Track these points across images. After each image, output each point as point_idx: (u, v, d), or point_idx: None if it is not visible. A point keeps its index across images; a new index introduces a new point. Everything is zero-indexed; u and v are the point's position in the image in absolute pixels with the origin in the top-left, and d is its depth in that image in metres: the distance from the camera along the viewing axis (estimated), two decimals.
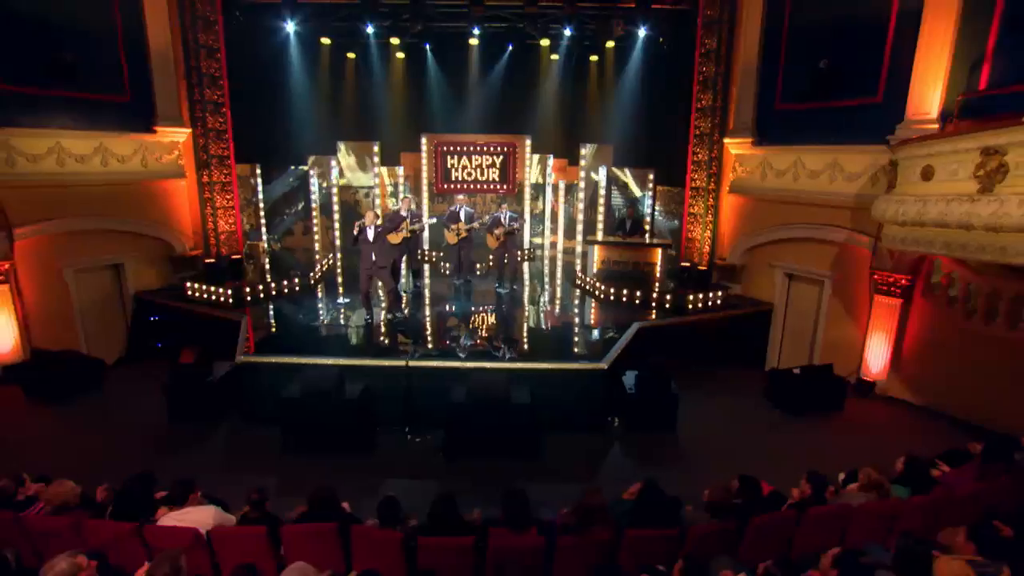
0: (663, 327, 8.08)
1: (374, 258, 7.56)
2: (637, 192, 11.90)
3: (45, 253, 7.70)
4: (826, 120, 7.87)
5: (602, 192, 11.98)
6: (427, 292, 10.17)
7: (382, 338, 7.48)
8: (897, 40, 6.99)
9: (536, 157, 12.79)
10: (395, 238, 9.14)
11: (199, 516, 3.63)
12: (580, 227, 12.31)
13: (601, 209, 11.88)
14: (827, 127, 7.82)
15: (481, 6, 9.95)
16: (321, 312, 8.67)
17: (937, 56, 6.53)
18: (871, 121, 7.25)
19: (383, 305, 8.28)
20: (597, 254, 9.90)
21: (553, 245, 13.34)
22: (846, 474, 4.86)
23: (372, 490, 5.41)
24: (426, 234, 12.09)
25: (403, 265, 9.87)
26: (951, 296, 6.84)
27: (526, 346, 7.35)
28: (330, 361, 6.16)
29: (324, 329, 7.84)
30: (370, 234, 7.55)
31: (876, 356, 7.57)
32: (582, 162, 11.97)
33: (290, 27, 10.35)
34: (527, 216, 13.04)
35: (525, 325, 8.31)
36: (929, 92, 6.66)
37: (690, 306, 8.75)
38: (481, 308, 8.95)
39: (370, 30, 10.50)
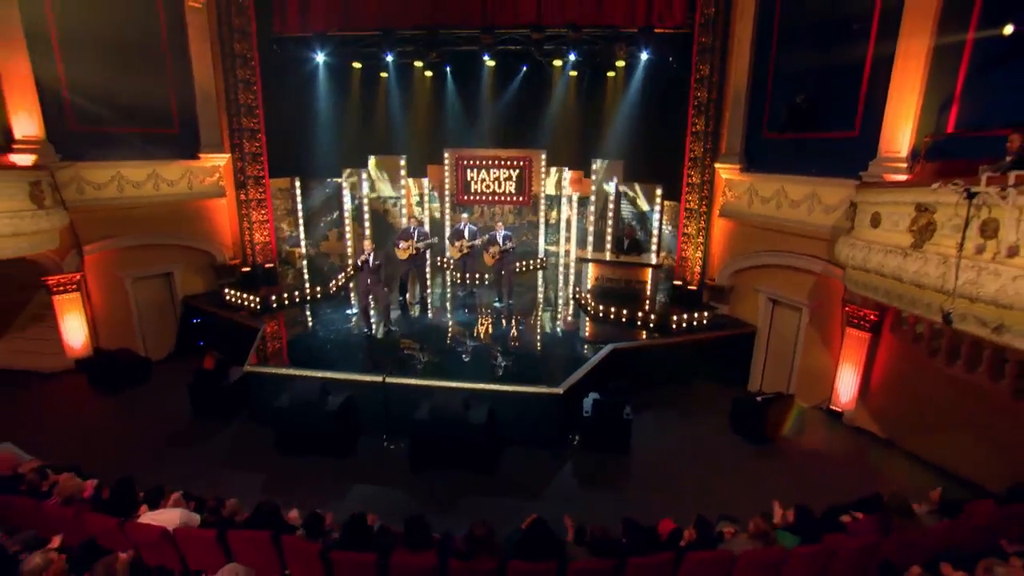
0: (639, 349, 8.18)
1: (369, 282, 8.12)
2: (645, 207, 11.86)
3: (109, 265, 8.80)
4: (807, 151, 7.65)
5: (611, 206, 12.02)
6: (427, 305, 10.51)
7: (371, 352, 8.01)
8: (874, 75, 6.69)
9: (553, 170, 12.96)
10: (403, 253, 9.71)
11: (168, 516, 4.28)
12: (591, 239, 12.42)
13: (610, 222, 11.96)
14: (807, 158, 7.60)
15: (491, 34, 10.18)
16: (329, 323, 9.20)
17: (908, 95, 6.24)
18: (848, 155, 7.01)
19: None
20: (591, 270, 10.04)
21: (567, 253, 13.51)
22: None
23: (342, 491, 6.05)
24: (439, 248, 12.47)
25: (410, 278, 10.36)
26: (918, 333, 6.57)
27: (500, 363, 7.68)
28: (318, 374, 6.79)
29: (324, 341, 8.37)
30: (371, 261, 8.10)
31: (845, 386, 7.39)
32: (593, 176, 12.05)
33: (320, 57, 10.99)
34: (542, 226, 13.29)
35: (507, 342, 8.55)
36: (900, 131, 6.37)
37: (674, 326, 8.80)
38: (474, 323, 9.32)
39: (389, 58, 10.94)
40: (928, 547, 4.46)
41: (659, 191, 11.14)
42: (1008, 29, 5.14)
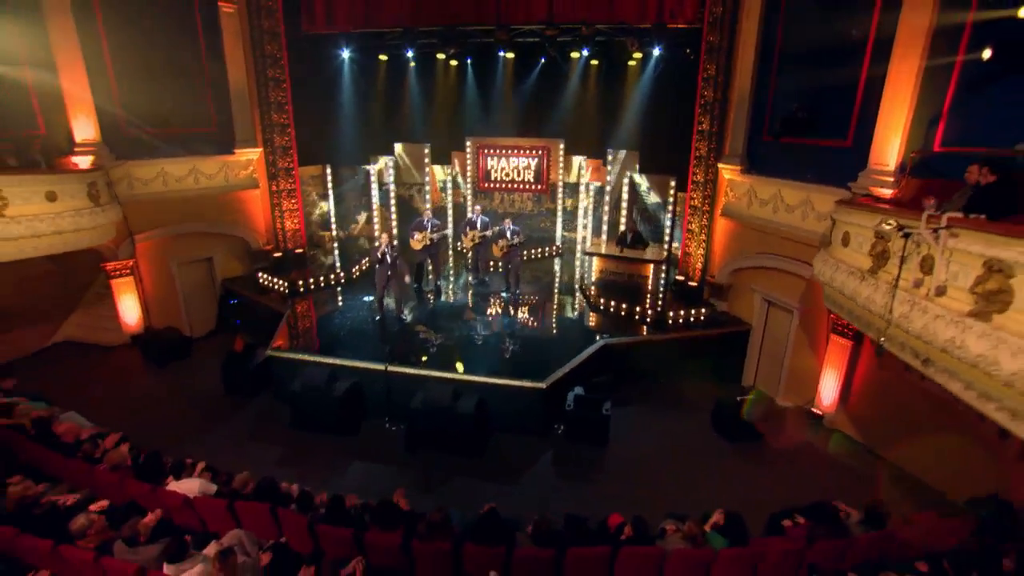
0: (629, 345, 8.51)
1: (390, 274, 8.79)
2: (656, 199, 11.92)
3: (157, 252, 9.79)
4: (802, 157, 7.61)
5: (625, 197, 12.14)
6: (440, 292, 11.05)
7: (380, 341, 8.66)
8: (868, 86, 6.59)
9: (574, 159, 13.10)
10: (417, 244, 10.29)
11: (189, 486, 5.12)
12: (605, 227, 12.61)
13: (624, 212, 12.12)
14: (803, 164, 7.58)
15: (505, 31, 10.35)
16: (347, 309, 9.86)
17: (899, 109, 6.14)
18: (840, 164, 6.97)
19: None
20: (596, 263, 10.31)
21: (584, 240, 13.74)
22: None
23: (344, 467, 6.84)
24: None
25: (428, 266, 10.94)
26: None
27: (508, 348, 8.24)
28: (328, 360, 7.54)
29: (340, 328, 9.07)
30: (388, 254, 8.71)
31: (828, 390, 7.54)
32: (608, 167, 12.15)
33: (345, 54, 11.46)
34: (559, 213, 13.54)
35: (509, 333, 9.06)
36: (889, 144, 6.31)
37: (670, 322, 9.05)
38: (481, 312, 9.85)
39: (410, 54, 11.28)
40: (857, 556, 4.79)
41: (673, 183, 11.17)
42: (987, 54, 5.02)
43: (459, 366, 7.66)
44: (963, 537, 4.97)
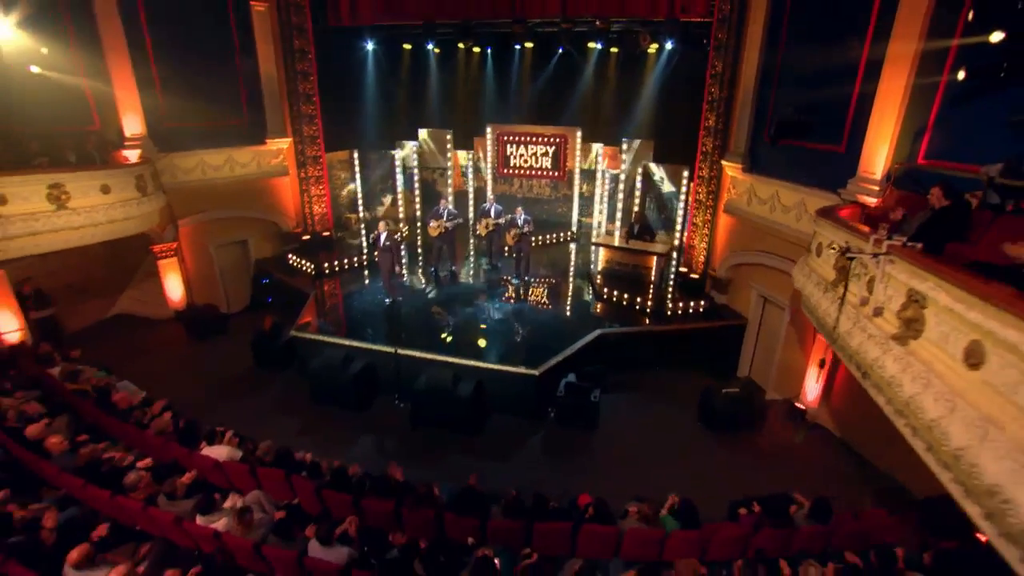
0: (624, 335, 8.97)
1: (392, 259, 9.45)
2: (671, 188, 12.12)
3: (197, 235, 10.77)
4: (799, 160, 7.74)
5: (639, 186, 12.39)
6: (455, 277, 11.67)
7: (394, 324, 9.36)
8: (863, 92, 6.66)
9: (592, 146, 13.33)
10: (433, 231, 10.91)
11: (219, 452, 6.01)
12: (619, 215, 12.93)
13: (637, 200, 12.40)
14: (799, 167, 7.74)
15: (522, 24, 10.63)
16: (364, 293, 10.50)
17: (888, 119, 6.25)
18: (833, 169, 7.11)
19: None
20: (603, 253, 10.70)
21: (599, 225, 14.06)
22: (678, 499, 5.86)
23: (355, 438, 7.68)
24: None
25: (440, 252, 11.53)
26: None
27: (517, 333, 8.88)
28: (344, 342, 8.34)
29: (357, 311, 9.80)
30: (383, 240, 9.34)
31: (812, 386, 7.86)
32: (623, 156, 12.38)
33: (370, 45, 11.96)
34: (575, 199, 13.87)
35: (516, 318, 9.64)
36: (878, 153, 6.44)
37: (668, 313, 9.44)
38: (492, 297, 10.45)
39: (430, 46, 11.69)
40: (801, 545, 5.29)
41: (686, 173, 11.33)
42: (961, 75, 5.12)
43: (460, 351, 8.27)
44: (905, 533, 5.39)
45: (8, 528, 4.27)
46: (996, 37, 4.72)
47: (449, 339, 8.68)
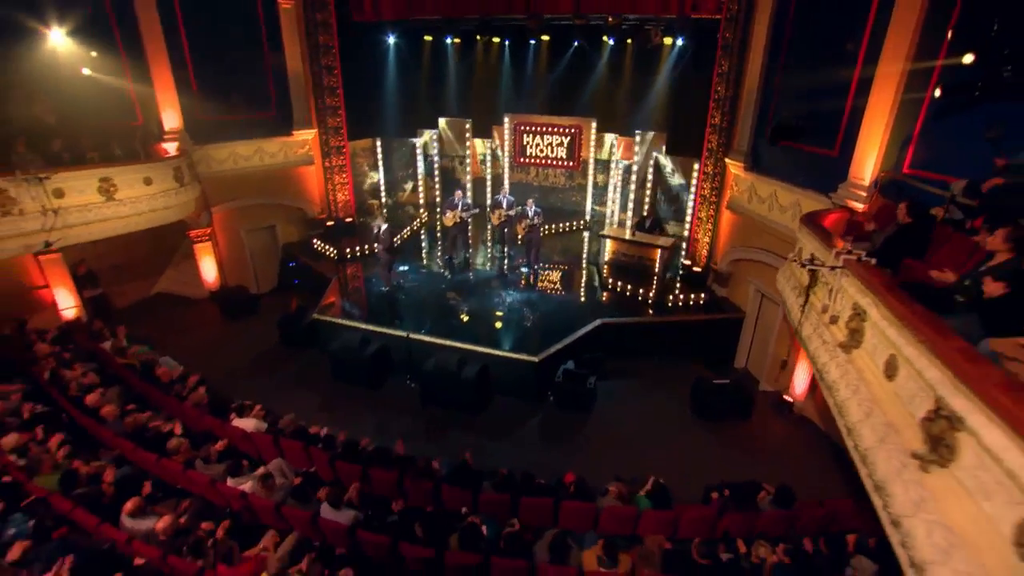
0: (624, 325, 9.43)
1: (388, 250, 10.09)
2: (681, 180, 12.37)
3: (229, 220, 11.58)
4: (795, 161, 7.96)
5: (650, 177, 12.67)
6: (468, 264, 12.32)
7: (410, 310, 9.99)
8: (856, 99, 6.84)
9: (606, 136, 13.59)
10: (449, 221, 11.47)
11: (248, 423, 6.81)
12: (631, 204, 13.25)
13: (648, 191, 12.71)
14: (795, 168, 7.96)
15: (536, 19, 10.91)
16: (380, 278, 11.06)
17: (878, 125, 6.44)
18: (827, 172, 7.34)
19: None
20: (609, 244, 11.09)
21: (612, 213, 14.38)
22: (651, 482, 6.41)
23: (368, 414, 8.42)
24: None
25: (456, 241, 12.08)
26: None
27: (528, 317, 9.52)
28: (361, 326, 9.05)
29: (375, 296, 10.44)
30: (382, 232, 9.94)
31: (800, 379, 8.22)
32: (636, 147, 12.64)
33: (391, 39, 12.42)
34: (589, 189, 14.20)
35: (518, 307, 10.13)
36: (867, 160, 6.65)
37: (670, 304, 9.85)
38: (500, 284, 11.01)
39: (448, 40, 12.07)
40: (765, 528, 5.79)
41: (696, 166, 11.53)
42: (937, 92, 5.33)
43: (467, 336, 8.85)
44: (865, 521, 5.82)
45: (75, 482, 5.12)
46: (968, 59, 4.94)
47: (459, 324, 9.30)
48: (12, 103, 8.26)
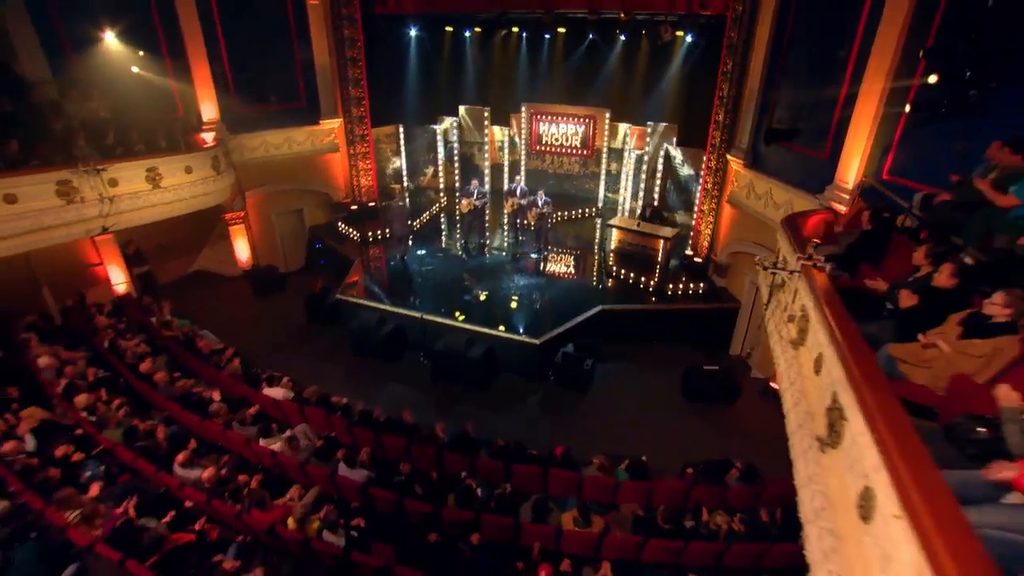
0: (624, 312, 10.01)
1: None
2: (690, 171, 12.72)
3: (261, 204, 12.46)
4: (789, 160, 8.31)
5: (660, 168, 13.03)
6: (483, 249, 12.87)
7: (424, 291, 10.73)
8: (846, 102, 7.16)
9: (620, 126, 13.94)
10: (464, 208, 12.13)
11: (277, 392, 7.71)
12: (641, 193, 13.65)
13: (658, 181, 13.09)
14: (789, 167, 8.31)
15: (550, 15, 11.31)
16: (399, 262, 11.91)
17: (862, 130, 6.77)
18: (817, 173, 7.70)
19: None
20: (616, 233, 11.59)
21: (624, 201, 14.79)
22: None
23: (384, 385, 9.27)
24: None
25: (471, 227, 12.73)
26: None
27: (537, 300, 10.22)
28: (378, 306, 9.87)
29: (393, 277, 11.27)
30: (396, 206, 10.67)
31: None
32: (648, 138, 12.99)
33: (413, 31, 12.97)
34: (602, 177, 14.62)
35: (526, 291, 10.77)
36: (852, 164, 7.00)
37: (670, 293, 10.38)
38: (511, 268, 11.65)
39: (467, 32, 12.53)
40: (730, 501, 6.42)
41: (705, 157, 11.85)
42: (907, 108, 5.68)
43: (475, 318, 9.53)
44: None
45: (135, 436, 6.09)
46: (932, 79, 5.30)
47: (470, 305, 10.03)
48: (72, 100, 9.16)
